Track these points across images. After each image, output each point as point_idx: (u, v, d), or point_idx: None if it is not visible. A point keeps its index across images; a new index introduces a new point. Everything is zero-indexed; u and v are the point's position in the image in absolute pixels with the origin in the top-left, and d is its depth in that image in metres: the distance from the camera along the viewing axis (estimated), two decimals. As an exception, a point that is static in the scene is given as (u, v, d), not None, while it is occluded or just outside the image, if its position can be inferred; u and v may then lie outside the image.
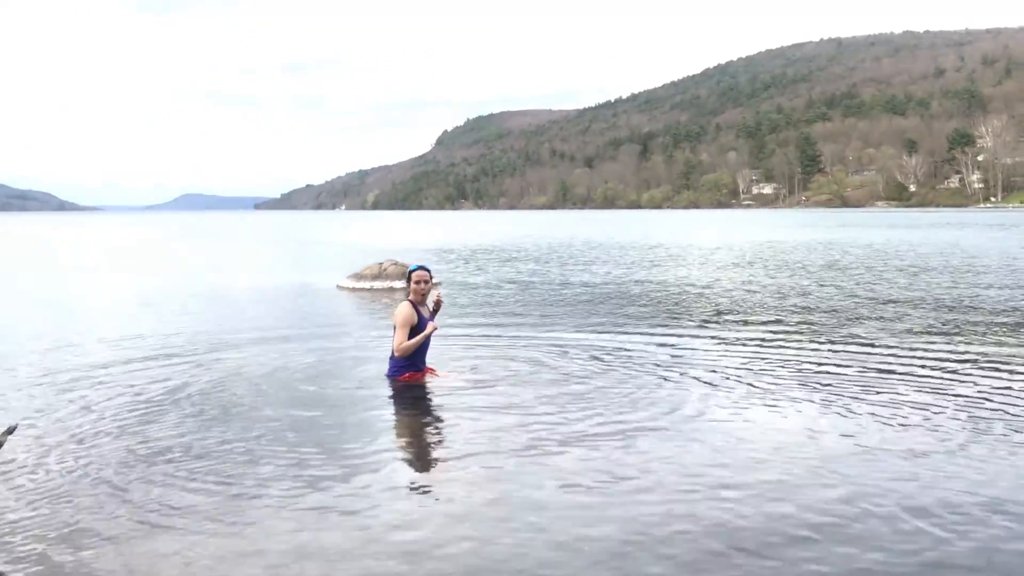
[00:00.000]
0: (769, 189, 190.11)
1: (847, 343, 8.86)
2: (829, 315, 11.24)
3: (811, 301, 12.92)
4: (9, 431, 4.43)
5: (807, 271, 18.95)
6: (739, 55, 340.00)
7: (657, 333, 9.65)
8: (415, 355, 6.81)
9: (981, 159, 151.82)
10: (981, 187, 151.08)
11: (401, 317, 6.68)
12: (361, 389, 6.67)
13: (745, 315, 11.43)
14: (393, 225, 78.00)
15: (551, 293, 14.59)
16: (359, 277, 16.48)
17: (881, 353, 8.20)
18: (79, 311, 13.39)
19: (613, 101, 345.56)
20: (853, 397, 6.28)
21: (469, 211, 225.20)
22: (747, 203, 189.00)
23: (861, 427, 5.45)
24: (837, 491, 4.23)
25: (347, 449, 5.02)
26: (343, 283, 16.41)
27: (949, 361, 7.74)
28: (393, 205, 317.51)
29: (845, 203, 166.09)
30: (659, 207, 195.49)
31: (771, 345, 8.80)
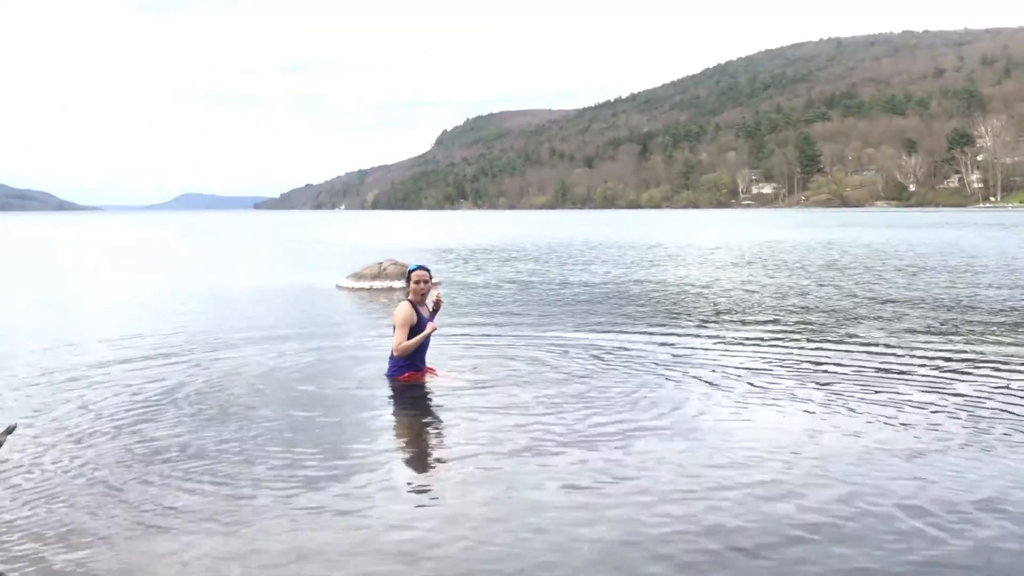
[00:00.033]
0: (768, 189, 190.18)
1: (846, 343, 8.86)
2: (828, 315, 11.24)
3: (810, 301, 12.93)
4: (8, 431, 4.42)
5: (806, 271, 18.96)
6: (738, 55, 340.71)
7: (656, 333, 9.65)
8: (415, 355, 6.82)
9: (980, 159, 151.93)
10: (980, 187, 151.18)
11: (400, 317, 6.69)
12: (360, 389, 6.68)
13: (744, 315, 11.43)
14: (392, 225, 78.00)
15: (550, 293, 14.60)
16: (358, 277, 16.48)
17: (880, 353, 8.20)
18: (78, 311, 13.39)
19: (612, 101, 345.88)
20: (852, 396, 6.29)
21: (468, 211, 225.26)
22: (746, 203, 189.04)
23: (860, 427, 5.45)
24: (836, 491, 4.23)
25: (346, 449, 5.02)
26: (342, 283, 16.41)
27: (948, 361, 7.74)
28: (392, 205, 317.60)
29: (844, 203, 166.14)
30: (658, 207, 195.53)
31: (770, 344, 8.80)
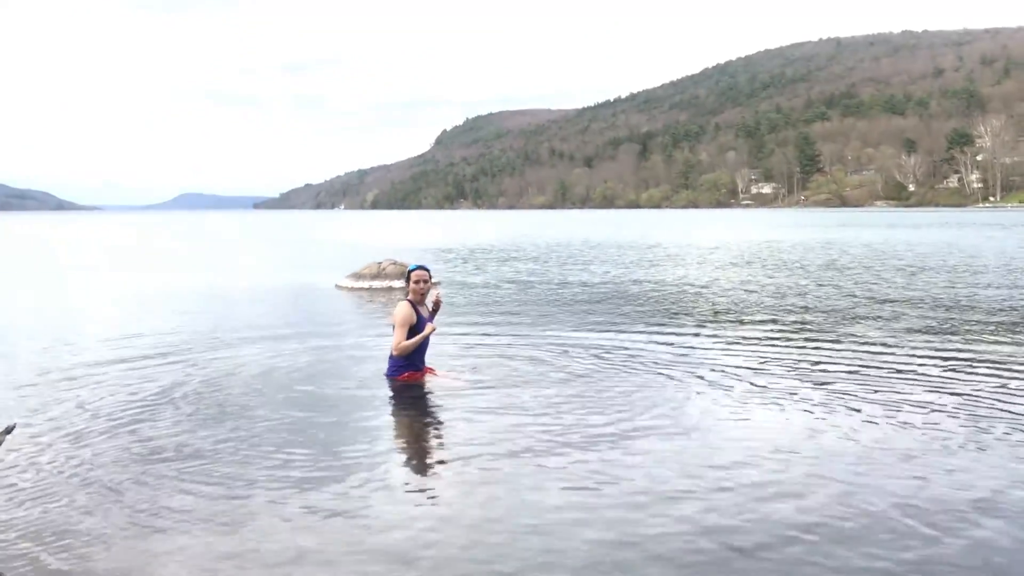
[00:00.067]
0: (768, 189, 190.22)
1: (845, 342, 8.86)
2: (827, 314, 11.25)
3: (809, 300, 12.93)
4: (7, 430, 4.42)
5: (805, 271, 18.96)
6: (738, 55, 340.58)
7: (656, 332, 9.65)
8: (414, 355, 6.82)
9: (980, 159, 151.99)
10: (980, 187, 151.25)
11: (400, 317, 6.69)
12: (360, 388, 6.68)
13: (743, 314, 11.43)
14: (392, 224, 77.99)
15: (550, 292, 14.60)
16: (358, 276, 16.47)
17: (879, 352, 8.20)
18: (77, 310, 13.39)
19: (612, 101, 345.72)
20: (851, 396, 6.29)
21: (468, 211, 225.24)
22: (746, 203, 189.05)
23: (859, 426, 5.45)
24: (835, 491, 4.23)
25: (345, 449, 5.02)
26: (342, 282, 16.40)
27: (947, 360, 7.74)
28: (392, 205, 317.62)
29: (844, 203, 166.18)
30: (658, 207, 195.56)
31: (769, 344, 8.80)
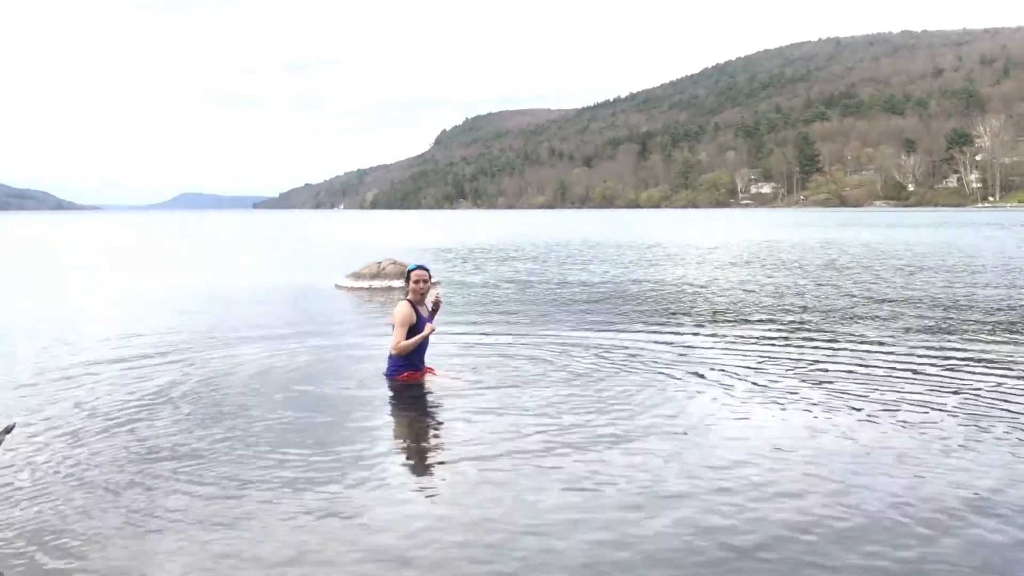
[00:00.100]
0: (767, 188, 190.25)
1: (844, 342, 8.87)
2: (826, 314, 11.26)
3: (808, 300, 12.94)
4: (7, 430, 4.43)
5: (804, 270, 18.97)
6: (737, 55, 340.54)
7: (655, 332, 9.66)
8: (414, 354, 6.82)
9: (979, 159, 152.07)
10: (979, 187, 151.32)
11: (400, 316, 6.70)
12: (359, 388, 6.68)
13: (742, 314, 11.44)
14: (391, 224, 77.97)
15: (549, 292, 14.60)
16: (357, 276, 16.47)
17: (877, 351, 8.21)
18: (76, 310, 13.39)
19: (612, 101, 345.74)
20: (850, 395, 6.30)
21: (467, 210, 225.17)
22: (745, 202, 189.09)
23: (858, 426, 5.46)
24: (834, 492, 4.23)
25: (344, 449, 5.03)
26: (341, 282, 16.41)
27: (945, 359, 7.75)
28: (392, 204, 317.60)
29: (843, 203, 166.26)
30: (657, 206, 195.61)
31: (768, 343, 8.82)
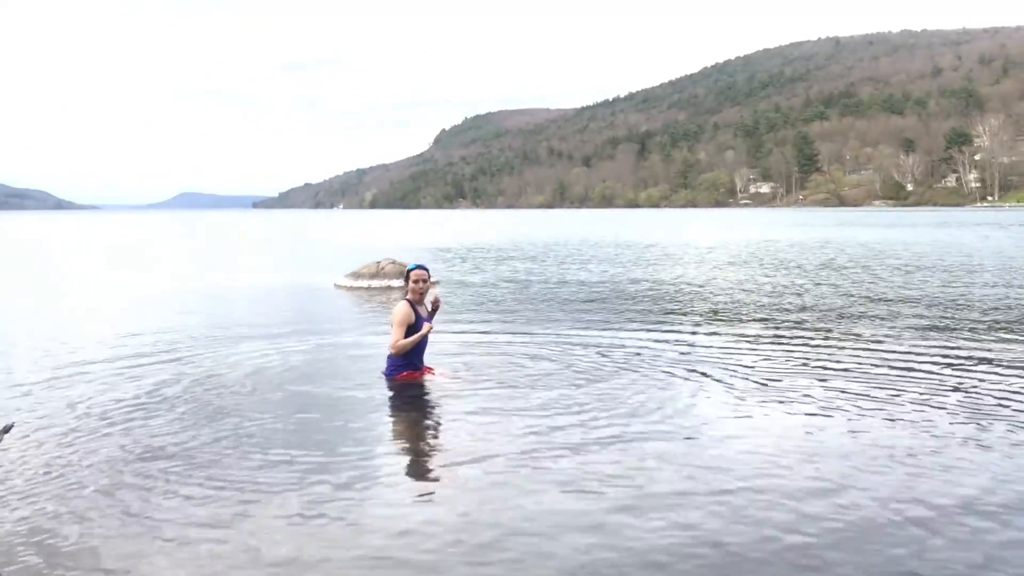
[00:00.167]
0: (766, 188, 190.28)
1: (842, 341, 8.89)
2: (824, 313, 11.27)
3: (807, 300, 12.96)
4: (6, 430, 4.44)
5: (803, 270, 18.99)
6: (737, 54, 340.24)
7: (654, 331, 9.68)
8: (413, 354, 6.84)
9: (978, 158, 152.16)
10: (978, 186, 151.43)
11: (399, 316, 6.71)
12: (358, 388, 6.69)
13: (741, 313, 11.46)
14: (391, 224, 77.97)
15: (548, 292, 14.61)
16: (357, 276, 16.48)
17: (876, 351, 8.23)
18: (75, 310, 13.39)
19: (611, 100, 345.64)
20: (848, 395, 6.31)
21: (467, 210, 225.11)
22: (744, 202, 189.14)
23: (857, 426, 5.47)
24: (833, 494, 4.23)
25: (342, 449, 5.03)
26: (341, 282, 16.42)
27: (944, 358, 7.77)
28: (391, 204, 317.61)
29: (842, 202, 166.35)
30: (657, 206, 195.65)
31: (766, 343, 8.83)
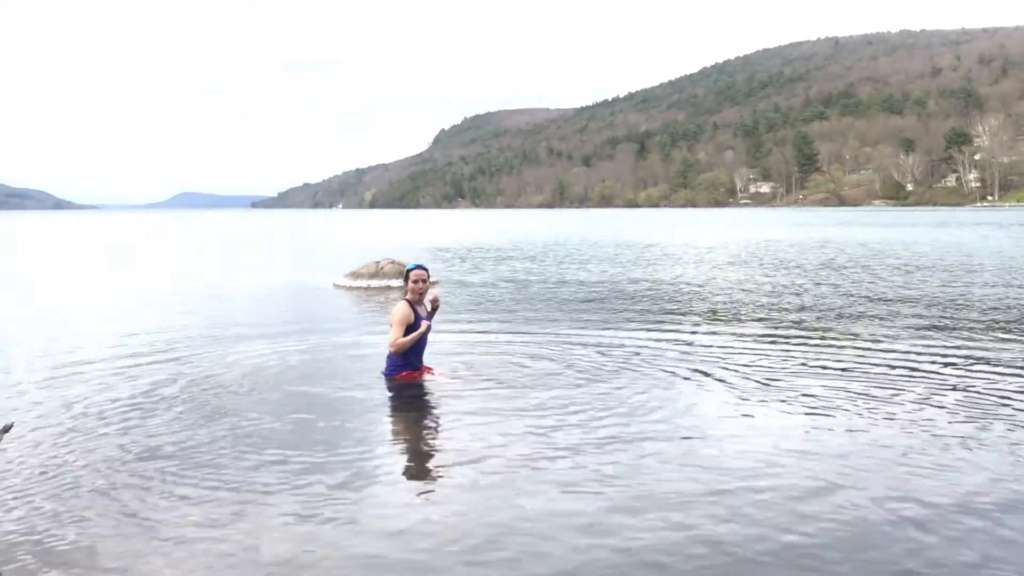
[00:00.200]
0: (766, 188, 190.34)
1: (841, 341, 8.90)
2: (824, 313, 11.28)
3: (806, 300, 12.96)
4: (5, 429, 4.44)
5: (802, 270, 19.00)
6: (736, 54, 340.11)
7: (652, 331, 9.68)
8: (412, 354, 6.84)
9: (978, 158, 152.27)
10: (978, 186, 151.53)
11: (398, 316, 6.72)
12: (357, 387, 6.69)
13: (740, 313, 11.46)
14: (390, 224, 77.95)
15: (547, 291, 14.62)
16: (356, 276, 16.48)
17: (875, 350, 8.23)
18: (75, 309, 13.40)
19: (610, 100, 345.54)
20: (847, 394, 6.31)
21: (466, 210, 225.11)
22: (744, 202, 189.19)
23: (856, 426, 5.48)
24: (833, 494, 4.23)
25: (340, 449, 5.03)
26: (340, 281, 16.42)
27: (944, 358, 7.77)
28: (390, 204, 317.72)
29: (842, 202, 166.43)
30: (656, 206, 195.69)
31: (765, 342, 8.84)
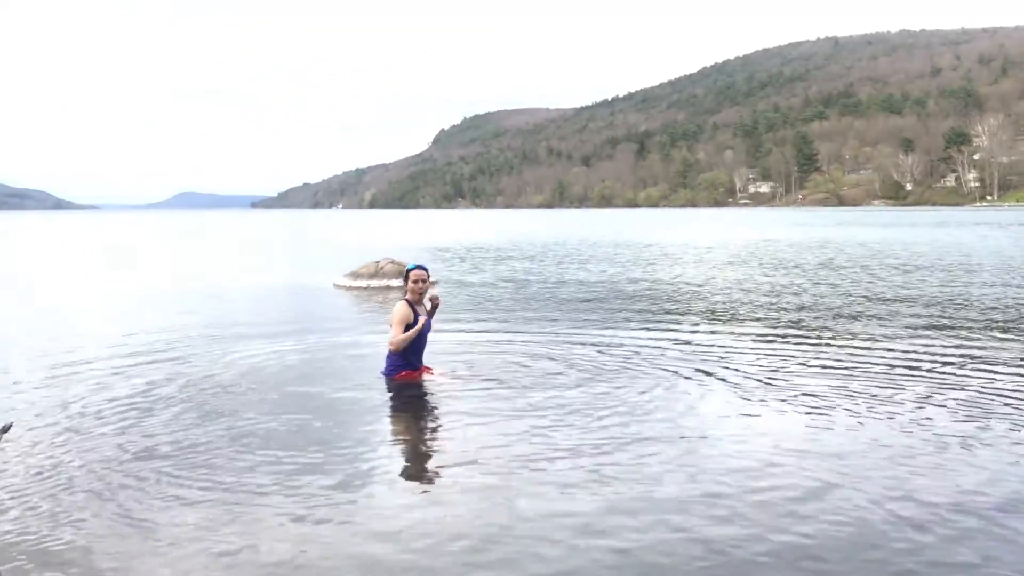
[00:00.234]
0: (766, 188, 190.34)
1: (841, 340, 8.90)
2: (823, 313, 11.28)
3: (805, 299, 12.97)
4: (5, 429, 4.45)
5: (802, 269, 19.00)
6: (736, 54, 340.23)
7: (652, 331, 9.68)
8: (411, 353, 6.84)
9: (977, 158, 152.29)
10: (977, 186, 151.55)
11: (398, 316, 6.72)
12: (356, 387, 6.69)
13: (740, 313, 11.47)
14: (390, 224, 77.94)
15: (547, 291, 14.62)
16: (356, 275, 16.49)
17: (874, 350, 8.23)
18: (74, 309, 13.40)
19: (610, 100, 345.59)
20: (847, 394, 6.32)
21: (466, 210, 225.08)
22: (744, 202, 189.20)
23: (855, 426, 5.48)
24: (832, 494, 4.24)
25: (340, 449, 5.04)
26: (340, 281, 16.42)
27: (943, 357, 7.78)
28: (390, 204, 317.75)
29: (841, 202, 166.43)
30: (656, 206, 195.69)
31: (764, 342, 8.84)
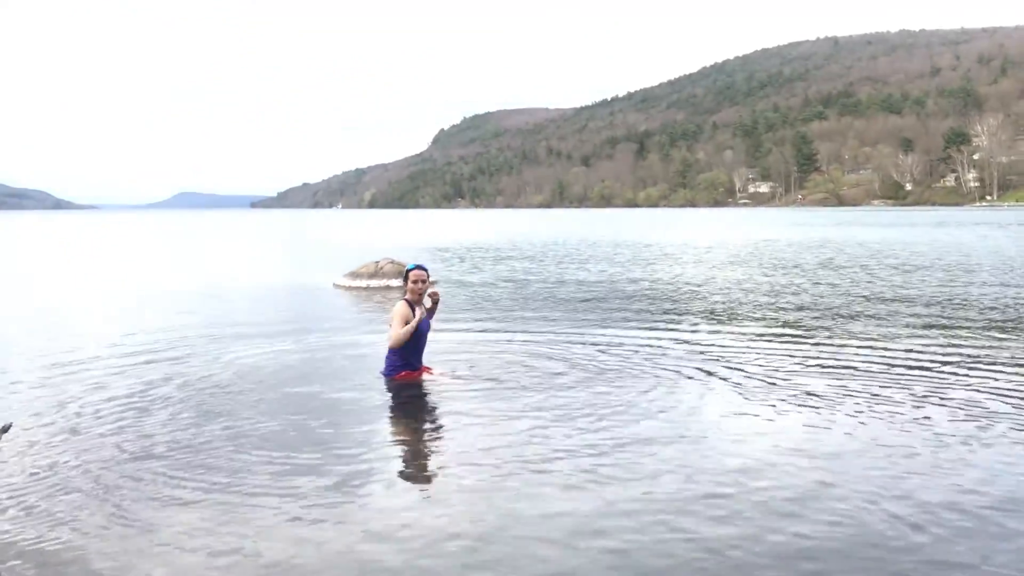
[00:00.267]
0: (765, 188, 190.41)
1: (840, 340, 8.90)
2: (822, 313, 11.29)
3: (804, 299, 12.97)
4: (4, 429, 4.45)
5: (802, 269, 19.01)
6: (736, 54, 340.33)
7: (652, 330, 9.69)
8: (411, 353, 6.84)
9: (977, 158, 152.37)
10: (977, 186, 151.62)
11: (397, 315, 6.73)
12: (356, 387, 6.69)
13: (739, 313, 11.47)
14: (389, 224, 77.92)
15: (546, 291, 14.62)
16: (355, 275, 16.49)
17: (874, 350, 8.24)
18: (73, 309, 13.39)
19: (610, 100, 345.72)
20: (846, 394, 6.32)
21: (466, 210, 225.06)
22: (743, 202, 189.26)
23: (855, 426, 5.48)
24: (832, 494, 4.23)
25: (339, 449, 5.04)
26: (339, 281, 16.42)
27: (943, 356, 7.78)
28: (390, 204, 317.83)
29: (841, 202, 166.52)
30: (655, 206, 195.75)
31: (764, 341, 8.84)
